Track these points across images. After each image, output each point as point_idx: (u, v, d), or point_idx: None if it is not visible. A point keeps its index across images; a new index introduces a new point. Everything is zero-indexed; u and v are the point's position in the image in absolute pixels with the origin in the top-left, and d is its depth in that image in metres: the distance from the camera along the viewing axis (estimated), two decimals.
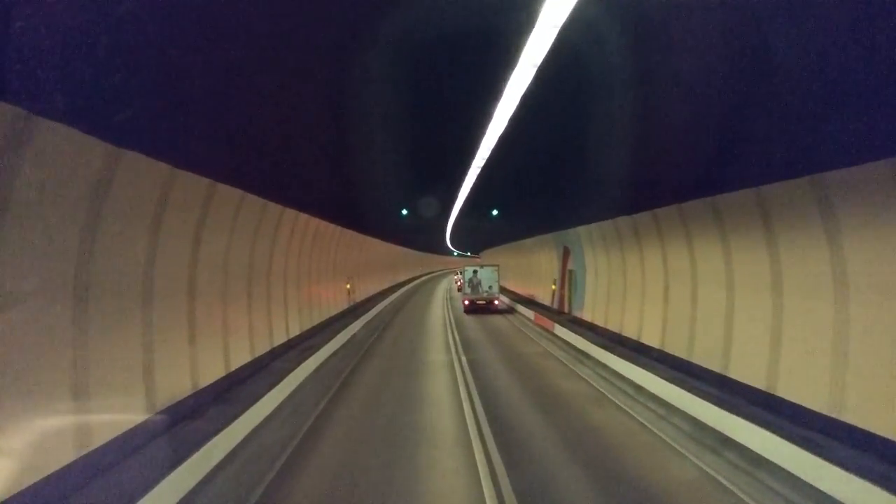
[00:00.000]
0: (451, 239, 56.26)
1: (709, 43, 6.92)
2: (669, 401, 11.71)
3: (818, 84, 6.54)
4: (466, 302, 33.28)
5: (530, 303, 35.04)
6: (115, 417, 7.84)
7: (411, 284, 64.55)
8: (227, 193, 11.38)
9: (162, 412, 8.95)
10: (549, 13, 6.82)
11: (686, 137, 9.93)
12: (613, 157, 11.62)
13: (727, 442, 9.39)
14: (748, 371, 11.18)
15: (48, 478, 6.43)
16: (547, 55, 8.07)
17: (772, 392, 10.34)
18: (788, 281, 10.13)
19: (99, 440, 7.35)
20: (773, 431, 8.51)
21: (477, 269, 34.41)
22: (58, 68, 5.42)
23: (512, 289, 47.27)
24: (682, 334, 14.39)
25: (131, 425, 8.10)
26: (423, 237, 50.28)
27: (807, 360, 9.59)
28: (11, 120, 5.63)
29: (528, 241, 37.34)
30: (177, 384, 9.70)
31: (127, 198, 7.81)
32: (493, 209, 27.10)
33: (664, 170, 11.77)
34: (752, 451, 8.77)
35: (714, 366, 12.47)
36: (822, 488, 7.37)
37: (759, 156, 9.24)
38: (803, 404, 9.52)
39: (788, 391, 10.01)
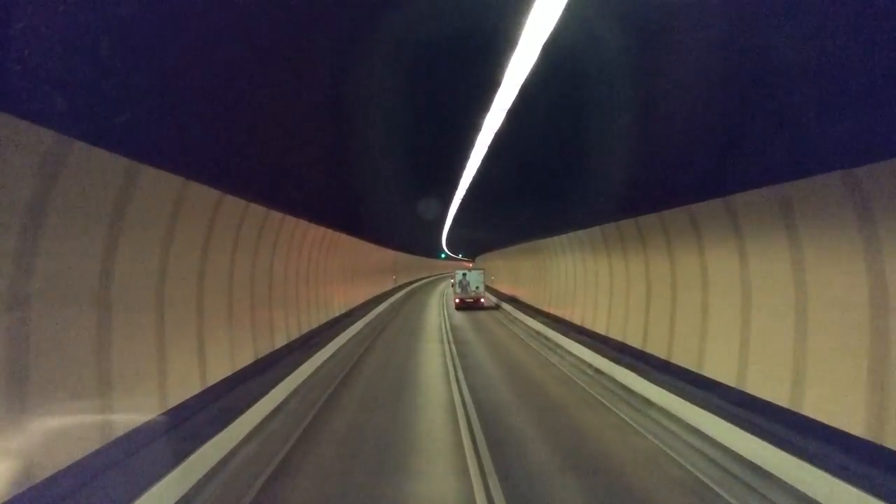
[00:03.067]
0: (448, 244, 55.84)
1: (707, 43, 6.97)
2: None
3: (819, 84, 6.60)
4: (457, 300, 39.36)
5: None
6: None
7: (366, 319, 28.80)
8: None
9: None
10: (541, 14, 6.79)
11: (686, 140, 9.98)
12: (611, 161, 11.68)
13: None
14: None
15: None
16: (538, 57, 8.07)
17: None
18: None
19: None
20: None
21: (466, 272, 39.70)
22: (58, 70, 5.37)
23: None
24: None
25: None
26: (415, 239, 47.47)
27: None
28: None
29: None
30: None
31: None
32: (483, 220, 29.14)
33: (663, 172, 11.84)
34: None
35: None
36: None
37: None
38: None
39: None
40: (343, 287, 27.45)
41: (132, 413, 8.32)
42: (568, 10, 6.51)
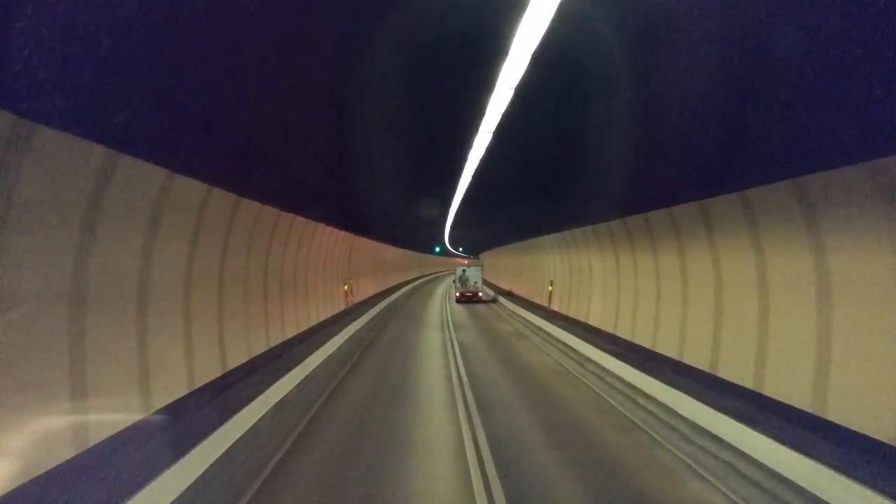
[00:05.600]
0: (447, 239, 54.43)
1: (707, 42, 6.96)
2: None
3: (818, 83, 6.59)
4: (457, 294, 40.84)
5: None
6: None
7: None
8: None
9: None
10: (538, 10, 6.74)
11: (682, 138, 9.98)
12: (608, 158, 11.69)
13: None
14: None
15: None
16: (536, 55, 8.03)
17: None
18: None
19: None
20: None
21: (465, 268, 41.87)
22: (58, 69, 5.38)
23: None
24: None
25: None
26: (399, 227, 43.24)
27: None
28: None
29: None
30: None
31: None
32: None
33: (660, 170, 11.84)
34: None
35: None
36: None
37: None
38: None
39: None
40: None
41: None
42: (564, 9, 6.52)
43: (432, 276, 76.33)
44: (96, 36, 5.35)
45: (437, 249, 60.96)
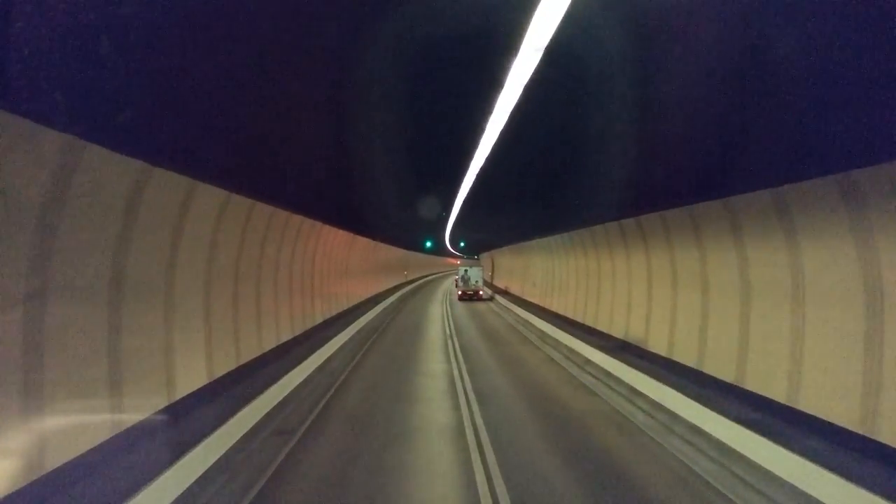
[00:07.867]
0: (451, 241, 53.13)
1: (709, 42, 6.94)
2: None
3: (820, 84, 6.57)
4: (459, 292, 43.81)
5: None
6: None
7: None
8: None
9: None
10: (544, 16, 6.76)
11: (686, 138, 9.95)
12: (613, 160, 11.65)
13: None
14: None
15: None
16: (544, 57, 8.02)
17: None
18: None
19: None
20: None
21: (467, 268, 44.30)
22: (58, 69, 5.36)
23: None
24: None
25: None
26: (414, 236, 42.97)
27: None
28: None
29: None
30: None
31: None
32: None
33: (664, 172, 11.81)
34: None
35: None
36: None
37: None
38: None
39: None
40: None
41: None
42: (570, 13, 6.51)
43: (423, 280, 57.44)
44: (96, 36, 5.33)
45: (429, 244, 49.12)
